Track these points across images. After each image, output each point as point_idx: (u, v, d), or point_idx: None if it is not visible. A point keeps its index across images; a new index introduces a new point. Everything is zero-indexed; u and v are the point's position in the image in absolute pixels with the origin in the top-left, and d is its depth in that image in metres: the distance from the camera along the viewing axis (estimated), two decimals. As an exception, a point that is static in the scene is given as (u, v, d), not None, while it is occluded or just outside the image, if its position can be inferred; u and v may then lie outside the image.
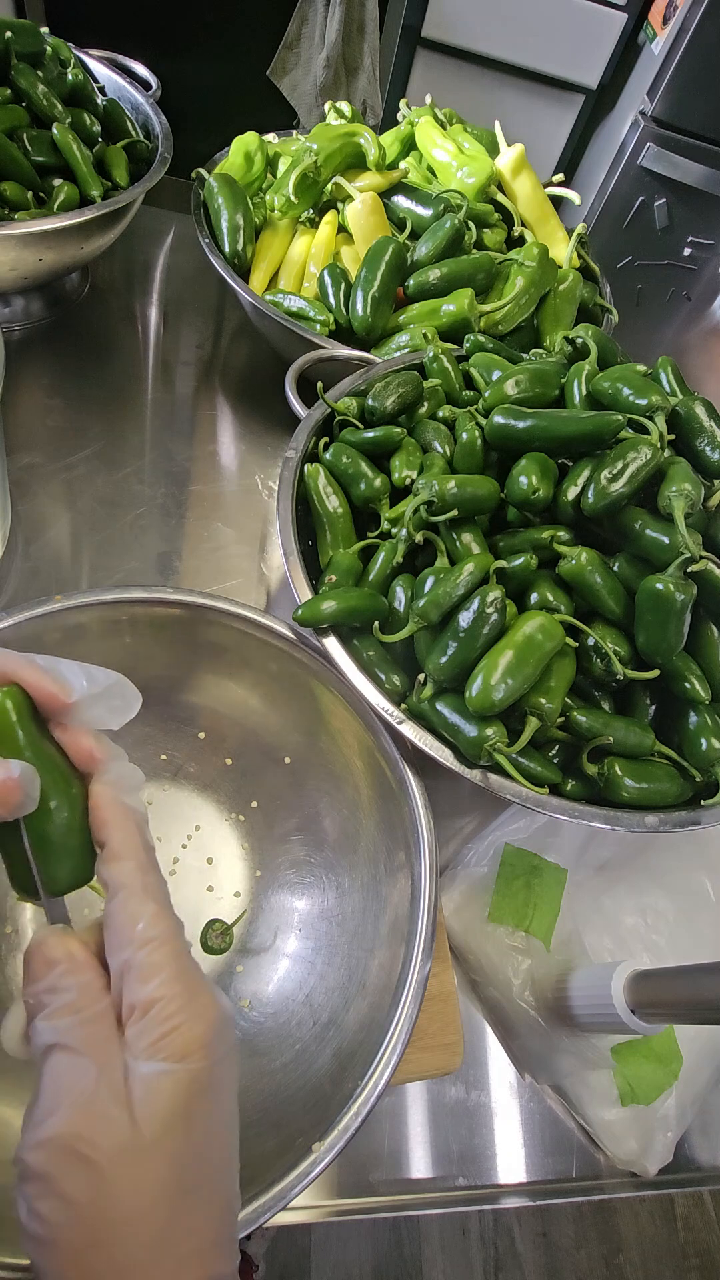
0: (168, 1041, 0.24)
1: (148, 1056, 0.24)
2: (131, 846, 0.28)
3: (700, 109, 1.82)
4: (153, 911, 0.27)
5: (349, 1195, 0.51)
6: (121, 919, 0.27)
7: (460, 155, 0.89)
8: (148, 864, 0.28)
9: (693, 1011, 0.46)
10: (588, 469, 0.54)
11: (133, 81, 0.92)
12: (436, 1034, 0.53)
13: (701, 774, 0.52)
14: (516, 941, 0.57)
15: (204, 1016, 0.25)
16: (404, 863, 0.50)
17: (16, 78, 0.77)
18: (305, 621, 0.52)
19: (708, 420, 0.57)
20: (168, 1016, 0.25)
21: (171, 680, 0.58)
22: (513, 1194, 0.54)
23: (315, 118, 1.83)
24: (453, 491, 0.54)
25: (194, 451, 0.83)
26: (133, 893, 0.27)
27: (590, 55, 1.96)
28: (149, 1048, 0.24)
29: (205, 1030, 0.25)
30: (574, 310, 0.84)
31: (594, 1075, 0.55)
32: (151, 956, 0.26)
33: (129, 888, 0.27)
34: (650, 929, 0.60)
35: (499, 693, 0.47)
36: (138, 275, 1.00)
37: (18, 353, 0.84)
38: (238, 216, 0.81)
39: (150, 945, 0.26)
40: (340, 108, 0.92)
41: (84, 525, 0.74)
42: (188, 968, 0.26)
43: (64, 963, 0.27)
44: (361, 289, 0.77)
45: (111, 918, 0.27)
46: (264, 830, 0.57)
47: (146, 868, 0.28)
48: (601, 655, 0.52)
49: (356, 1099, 0.40)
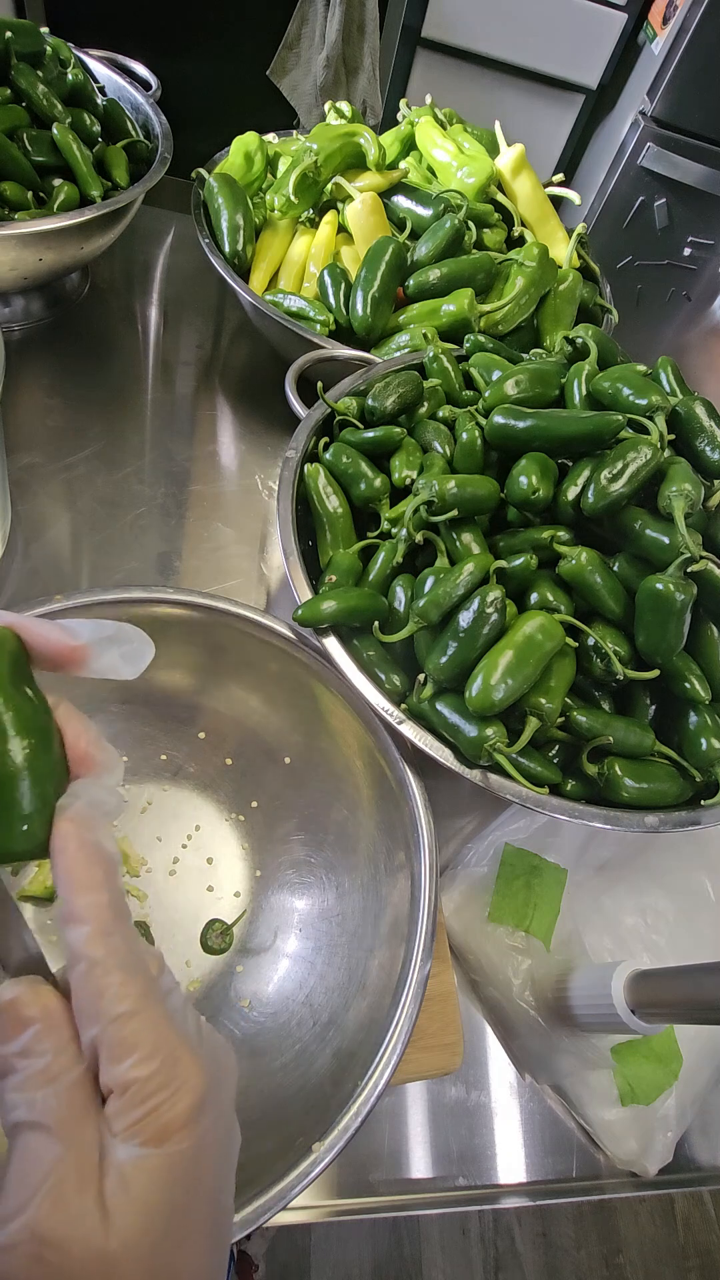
0: (146, 1124, 0.22)
1: (125, 1139, 0.22)
2: (93, 906, 0.24)
3: (700, 109, 1.82)
4: (118, 983, 0.23)
5: (349, 1195, 0.51)
6: (86, 993, 0.24)
7: (460, 155, 0.89)
8: (111, 924, 0.24)
9: (693, 1011, 0.46)
10: (588, 469, 0.54)
11: (133, 81, 0.92)
12: (436, 1034, 0.53)
13: (701, 774, 0.52)
14: (516, 941, 0.57)
15: (187, 1089, 0.23)
16: (404, 863, 0.50)
17: (16, 78, 0.77)
18: (305, 621, 0.52)
19: (708, 420, 0.57)
20: (145, 1097, 0.23)
21: (171, 680, 0.58)
22: (513, 1194, 0.54)
23: (315, 118, 1.83)
24: (453, 491, 0.54)
25: (194, 451, 0.83)
26: (94, 964, 0.24)
27: (590, 55, 1.96)
28: (126, 1131, 0.22)
29: (188, 1105, 0.23)
30: (574, 310, 0.84)
31: (594, 1075, 0.55)
32: (121, 1033, 0.23)
33: (90, 959, 0.24)
34: (650, 929, 0.60)
35: (499, 693, 0.47)
36: (138, 275, 1.00)
37: (18, 353, 0.84)
38: (238, 216, 0.81)
39: (119, 1021, 0.23)
40: (340, 108, 0.92)
41: (84, 525, 0.74)
42: (164, 1038, 0.23)
43: (39, 1022, 0.24)
44: (361, 289, 0.77)
45: (75, 990, 0.24)
46: (264, 830, 0.57)
47: (110, 929, 0.24)
48: (601, 655, 0.52)
49: (356, 1099, 0.40)
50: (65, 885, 0.25)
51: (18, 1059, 0.23)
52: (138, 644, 0.29)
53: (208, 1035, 0.26)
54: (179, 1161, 0.23)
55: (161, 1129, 0.22)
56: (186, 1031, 0.25)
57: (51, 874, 0.26)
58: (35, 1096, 0.23)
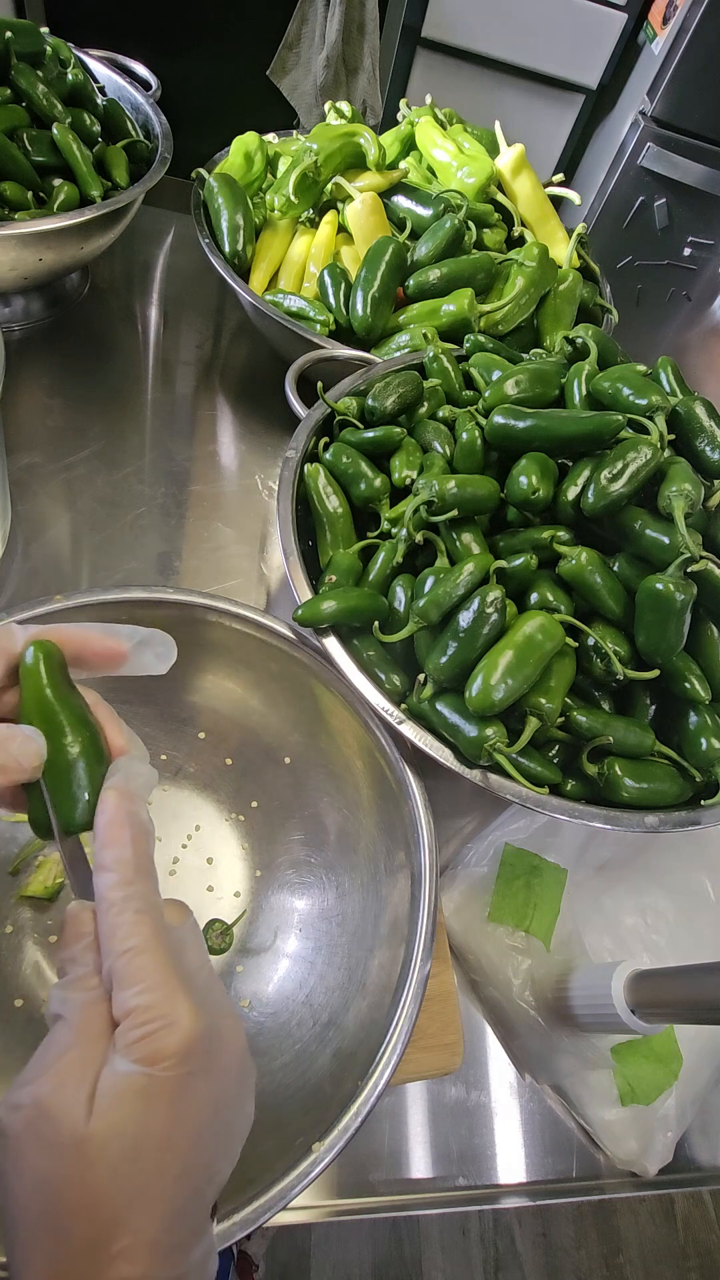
0: (140, 1045, 0.25)
1: (123, 1055, 0.25)
2: (118, 860, 0.29)
3: (700, 109, 1.82)
4: (130, 922, 0.27)
5: (349, 1195, 0.51)
6: (104, 930, 0.28)
7: (460, 155, 0.89)
8: (132, 876, 0.29)
9: (693, 1011, 0.46)
10: (588, 469, 0.54)
11: (133, 81, 0.92)
12: (436, 1034, 0.53)
13: (701, 774, 0.52)
14: (516, 941, 0.57)
15: (179, 1027, 0.26)
16: (404, 863, 0.50)
17: (16, 78, 0.77)
18: (305, 621, 0.52)
19: (708, 420, 0.57)
20: (143, 1023, 0.26)
21: (172, 680, 0.57)
22: (513, 1194, 0.54)
23: (315, 118, 1.83)
24: (453, 491, 0.54)
25: (194, 451, 0.83)
26: (112, 905, 0.28)
27: (590, 55, 1.96)
28: (125, 1047, 0.26)
29: (179, 1040, 0.26)
30: (574, 310, 0.84)
31: (594, 1075, 0.55)
32: (127, 966, 0.26)
33: (109, 901, 0.28)
34: (650, 929, 0.60)
35: (499, 693, 0.47)
36: (138, 275, 1.00)
37: (18, 353, 0.84)
38: (238, 216, 0.81)
39: (126, 955, 0.27)
40: (340, 108, 0.92)
41: (84, 525, 0.74)
42: (167, 976, 0.27)
43: (89, 937, 0.28)
44: (361, 289, 0.77)
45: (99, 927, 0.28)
46: (264, 830, 0.57)
47: (130, 879, 0.28)
48: (601, 655, 0.52)
49: (356, 1099, 0.40)
50: (100, 841, 0.29)
51: (68, 963, 0.28)
52: (165, 646, 0.36)
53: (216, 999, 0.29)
54: (162, 1086, 0.25)
55: (153, 1051, 0.25)
56: (190, 979, 0.28)
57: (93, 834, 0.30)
58: (69, 996, 0.27)
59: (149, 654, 0.35)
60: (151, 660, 0.35)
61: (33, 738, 0.31)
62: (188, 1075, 0.26)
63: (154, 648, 0.35)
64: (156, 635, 0.35)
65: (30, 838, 0.53)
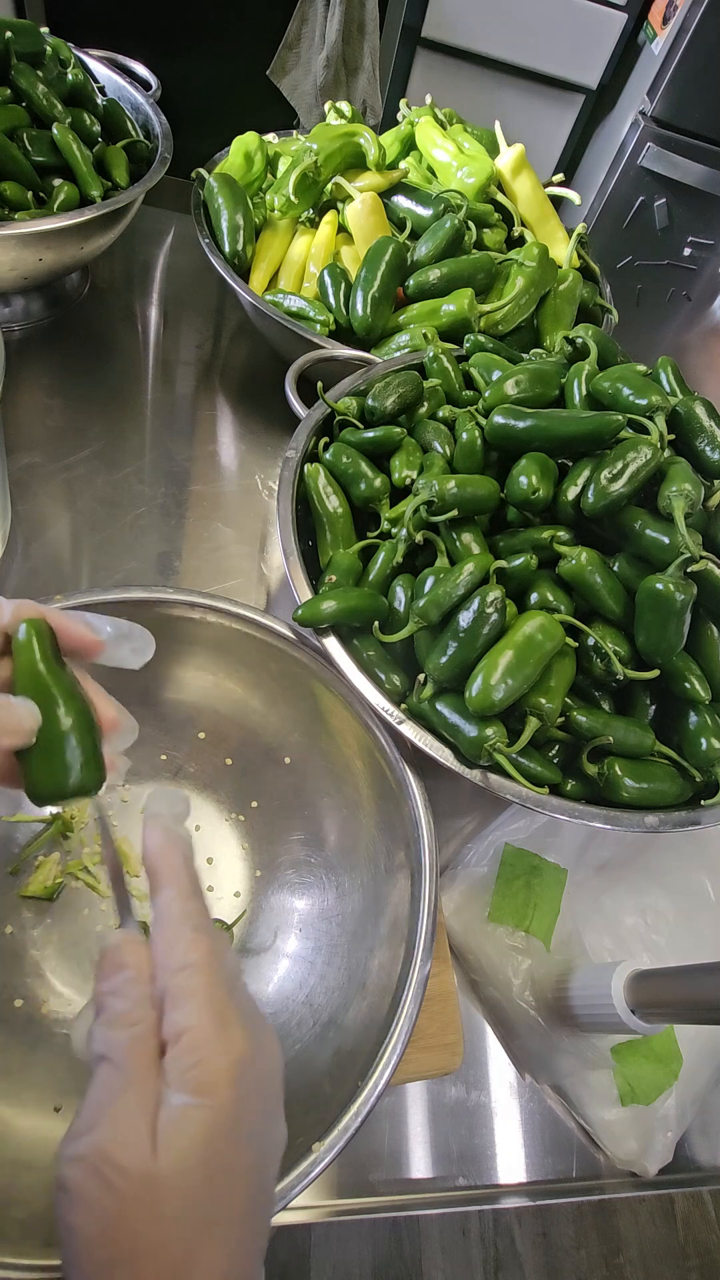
0: (194, 1075, 0.25)
1: (177, 1087, 0.25)
2: (173, 875, 0.29)
3: (700, 109, 1.82)
4: (188, 938, 0.27)
5: (349, 1195, 0.51)
6: (160, 945, 0.27)
7: (460, 155, 0.89)
8: (189, 890, 0.29)
9: (693, 1011, 0.46)
10: (588, 469, 0.54)
11: (133, 81, 0.92)
12: (436, 1034, 0.53)
13: (701, 774, 0.52)
14: (516, 941, 0.57)
15: (230, 1050, 0.26)
16: (404, 863, 0.50)
17: (16, 78, 0.77)
18: (305, 621, 0.52)
19: (708, 420, 0.57)
20: (194, 1047, 0.25)
21: (172, 680, 0.58)
22: (513, 1194, 0.54)
23: (315, 118, 1.83)
24: (453, 491, 0.54)
25: (194, 451, 0.83)
26: (170, 919, 0.28)
27: (590, 55, 1.96)
28: (178, 1078, 0.25)
29: (229, 1065, 0.25)
30: (574, 310, 0.84)
31: (594, 1075, 0.55)
32: (185, 982, 0.26)
33: (168, 914, 0.28)
34: (650, 929, 0.60)
35: (499, 693, 0.47)
36: (138, 275, 1.00)
37: (18, 353, 0.84)
38: (238, 216, 0.81)
39: (185, 971, 0.26)
40: (340, 108, 0.92)
41: (84, 525, 0.74)
42: (220, 995, 0.26)
43: (131, 970, 0.28)
44: (361, 289, 0.77)
45: (155, 942, 0.28)
46: (264, 830, 0.57)
47: (188, 894, 0.29)
48: (601, 655, 0.52)
49: (356, 1099, 0.40)
50: (153, 864, 0.30)
51: (109, 997, 0.27)
52: (143, 641, 0.36)
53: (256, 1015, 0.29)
54: (222, 1112, 0.25)
55: (207, 1080, 0.25)
56: (239, 1001, 0.27)
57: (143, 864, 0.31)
58: (113, 1035, 0.26)
59: (125, 648, 0.35)
60: (128, 654, 0.35)
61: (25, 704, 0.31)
62: (242, 1097, 0.26)
63: (131, 642, 0.35)
64: (135, 630, 0.36)
65: (30, 838, 0.53)
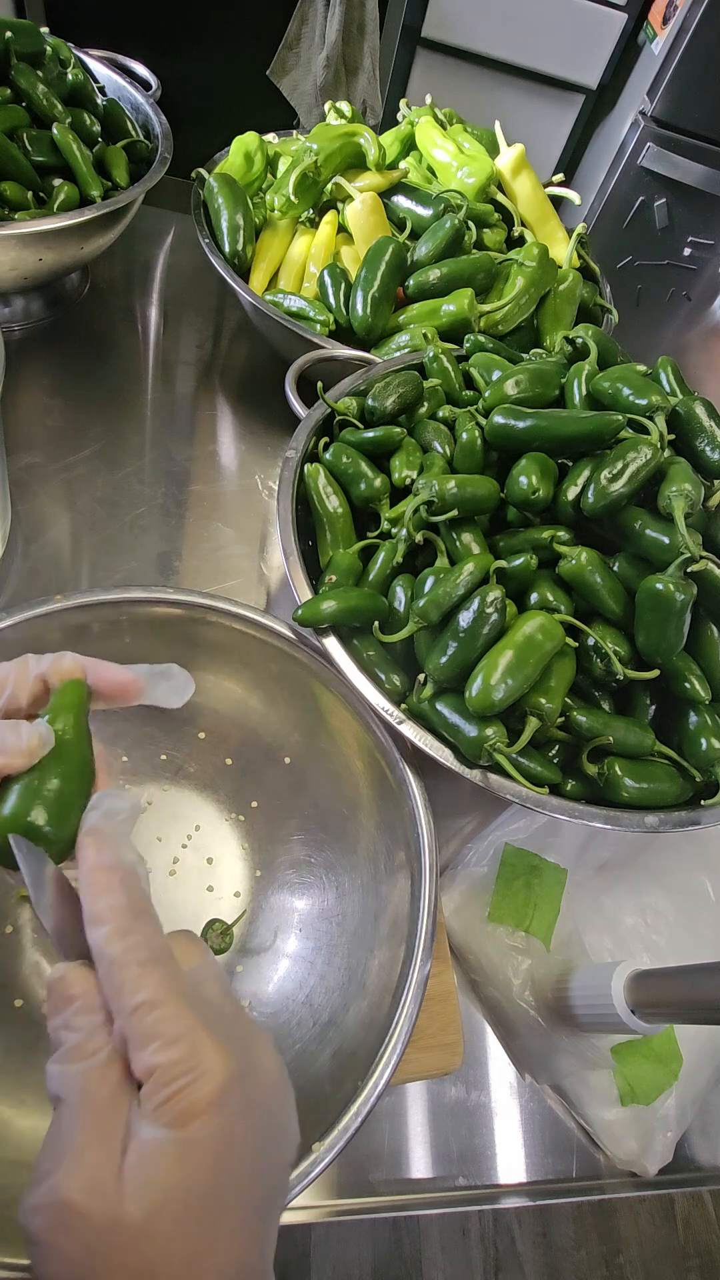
0: (170, 1107, 0.23)
1: (151, 1120, 0.23)
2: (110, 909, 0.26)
3: (700, 109, 1.82)
4: (135, 977, 0.25)
5: (349, 1195, 0.51)
6: (109, 988, 0.25)
7: (460, 155, 0.89)
8: (129, 924, 0.26)
9: (693, 1011, 0.46)
10: (588, 469, 0.54)
11: (133, 81, 0.92)
12: (436, 1034, 0.53)
13: (701, 774, 0.52)
14: (516, 941, 0.57)
15: (210, 1076, 0.24)
16: (404, 863, 0.50)
17: (16, 78, 0.77)
18: (305, 621, 0.52)
19: (708, 420, 0.57)
20: (168, 1082, 0.24)
21: (171, 680, 0.58)
22: (513, 1194, 0.54)
23: (315, 118, 1.83)
24: (453, 491, 0.54)
25: (194, 451, 0.83)
26: (113, 960, 0.25)
27: (590, 55, 1.96)
28: (153, 1111, 0.24)
29: (211, 1090, 0.24)
30: (574, 310, 0.84)
31: (594, 1075, 0.55)
32: (141, 1023, 0.24)
33: (109, 956, 0.26)
34: (650, 929, 0.60)
35: (499, 693, 0.47)
36: (138, 275, 1.00)
37: (18, 353, 0.84)
38: (238, 216, 0.81)
39: (138, 1012, 0.24)
40: (340, 108, 0.92)
41: (84, 525, 0.74)
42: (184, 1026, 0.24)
43: (80, 999, 0.26)
44: (361, 289, 0.77)
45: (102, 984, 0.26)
46: (264, 830, 0.57)
47: (128, 928, 0.26)
48: (601, 655, 0.52)
49: (356, 1099, 0.40)
50: (85, 891, 0.27)
51: (60, 1032, 0.26)
52: (182, 680, 0.36)
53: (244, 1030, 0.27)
54: (200, 1146, 0.23)
55: (183, 1112, 0.23)
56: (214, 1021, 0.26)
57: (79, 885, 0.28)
58: (67, 1071, 0.24)
59: (165, 687, 0.35)
60: (168, 693, 0.35)
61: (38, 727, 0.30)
62: (227, 1123, 0.24)
63: (170, 680, 0.35)
64: (174, 669, 0.36)
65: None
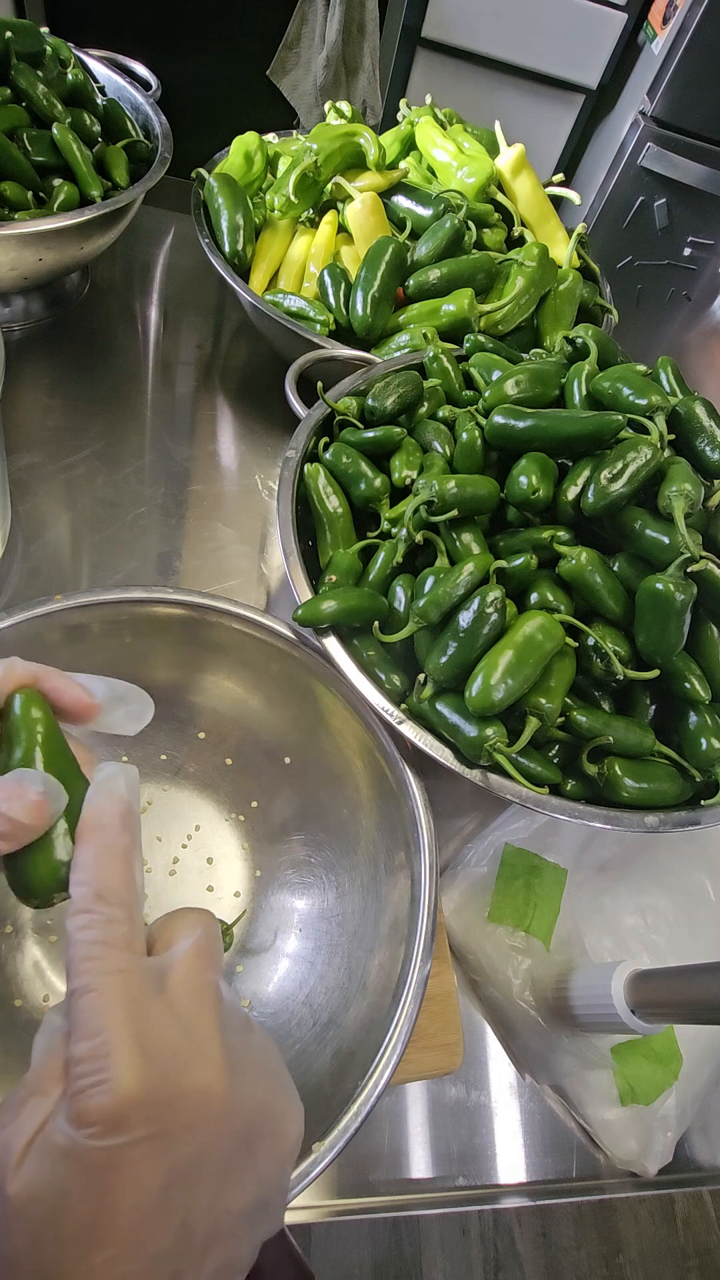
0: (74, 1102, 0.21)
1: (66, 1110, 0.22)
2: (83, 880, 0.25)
3: (700, 109, 1.82)
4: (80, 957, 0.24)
5: (349, 1195, 0.51)
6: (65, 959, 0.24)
7: (460, 155, 0.89)
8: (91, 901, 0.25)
9: (693, 1011, 0.46)
10: (588, 469, 0.54)
11: (133, 81, 0.92)
12: (436, 1034, 0.53)
13: (701, 774, 0.52)
14: (516, 941, 0.57)
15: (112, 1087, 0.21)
16: (404, 863, 0.50)
17: (16, 78, 0.77)
18: (305, 621, 0.52)
19: (708, 420, 0.57)
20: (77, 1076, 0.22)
21: (171, 680, 0.58)
22: (513, 1194, 0.54)
23: (315, 118, 1.83)
24: (453, 491, 0.54)
25: (194, 451, 0.83)
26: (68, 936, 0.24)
27: (590, 55, 1.96)
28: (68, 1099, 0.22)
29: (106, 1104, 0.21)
30: (574, 310, 0.84)
31: (594, 1075, 0.55)
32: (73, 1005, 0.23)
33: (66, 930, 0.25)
34: (650, 929, 0.60)
35: (499, 693, 0.47)
36: (138, 275, 1.00)
37: (18, 353, 0.84)
38: (238, 216, 0.81)
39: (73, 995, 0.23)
40: (340, 108, 0.92)
41: (84, 525, 0.74)
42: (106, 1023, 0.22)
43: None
44: (361, 289, 0.77)
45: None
46: (264, 830, 0.57)
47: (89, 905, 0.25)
48: (601, 655, 0.52)
49: (356, 1099, 0.40)
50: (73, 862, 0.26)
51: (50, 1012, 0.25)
52: (140, 704, 0.33)
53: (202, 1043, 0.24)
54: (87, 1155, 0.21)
55: (79, 1113, 0.21)
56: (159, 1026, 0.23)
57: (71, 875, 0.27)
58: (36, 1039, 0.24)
59: (121, 712, 0.32)
60: (124, 719, 0.32)
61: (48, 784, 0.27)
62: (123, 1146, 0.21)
63: (127, 705, 0.32)
64: (132, 692, 0.33)
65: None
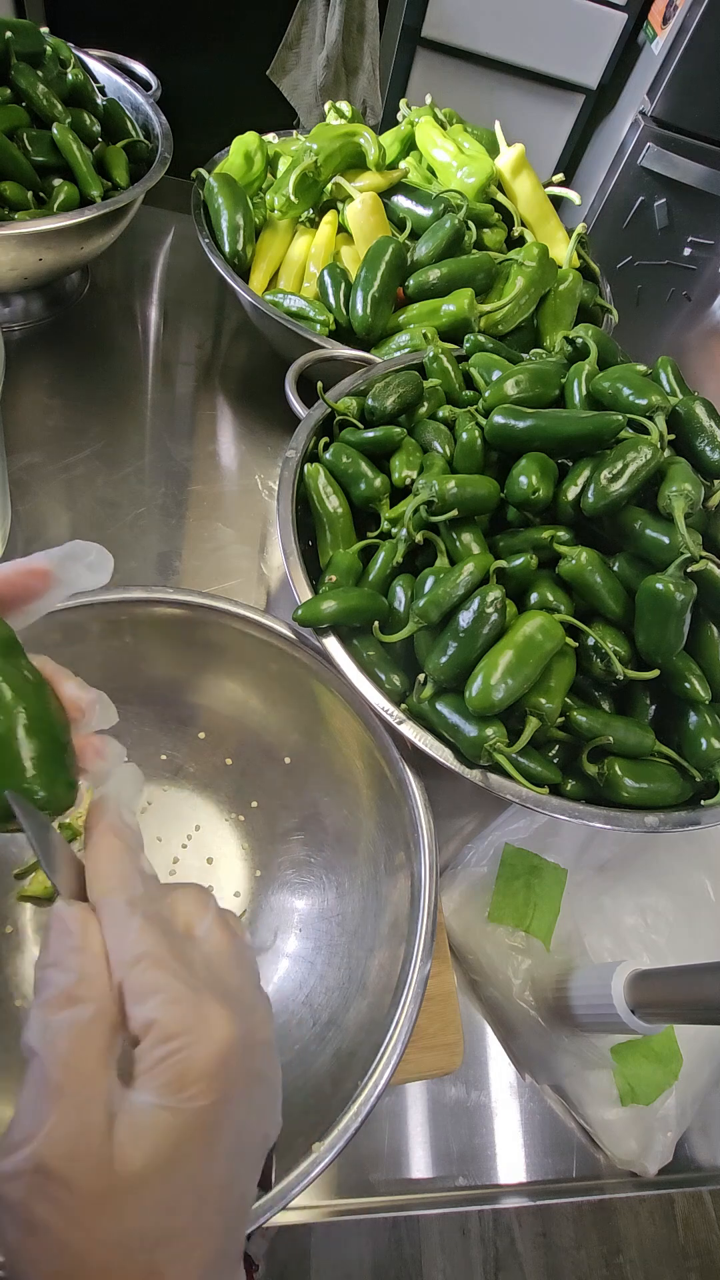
0: (162, 1070, 0.22)
1: (143, 1086, 0.22)
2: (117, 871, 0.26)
3: (700, 109, 1.82)
4: (138, 927, 0.24)
5: (349, 1195, 0.51)
6: (110, 943, 0.24)
7: (460, 155, 0.89)
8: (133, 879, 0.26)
9: (693, 1011, 0.46)
10: (588, 469, 0.54)
11: (133, 81, 0.92)
12: (436, 1034, 0.53)
13: (701, 774, 0.52)
14: (516, 941, 0.57)
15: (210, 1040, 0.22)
16: (404, 863, 0.50)
17: (16, 78, 0.77)
18: (305, 621, 0.52)
19: (708, 420, 0.57)
20: (164, 1039, 0.22)
21: (171, 680, 0.58)
22: (513, 1194, 0.54)
23: (315, 118, 1.83)
24: (453, 491, 0.54)
25: (194, 451, 0.83)
26: (116, 909, 0.25)
27: (590, 55, 1.96)
28: (145, 1075, 0.22)
29: (209, 1057, 0.22)
30: (574, 310, 0.84)
31: (594, 1075, 0.55)
32: (145, 976, 0.23)
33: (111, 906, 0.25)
34: (650, 929, 0.60)
35: (499, 693, 0.47)
36: (138, 275, 1.00)
37: (18, 353, 0.84)
38: (238, 216, 0.81)
39: (140, 964, 0.23)
40: (340, 108, 0.92)
41: (84, 525, 0.74)
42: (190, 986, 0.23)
43: (78, 936, 0.24)
44: (361, 289, 0.77)
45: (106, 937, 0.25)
46: (264, 830, 0.57)
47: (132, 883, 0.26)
48: (601, 655, 0.52)
49: (356, 1099, 0.40)
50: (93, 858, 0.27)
51: (51, 970, 0.24)
52: (96, 554, 0.30)
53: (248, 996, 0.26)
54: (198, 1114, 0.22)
55: (179, 1077, 0.22)
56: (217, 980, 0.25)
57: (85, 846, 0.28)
58: (52, 1020, 0.23)
59: (78, 567, 0.29)
60: (85, 573, 0.30)
61: None
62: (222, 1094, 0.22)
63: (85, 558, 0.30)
64: (82, 546, 0.30)
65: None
